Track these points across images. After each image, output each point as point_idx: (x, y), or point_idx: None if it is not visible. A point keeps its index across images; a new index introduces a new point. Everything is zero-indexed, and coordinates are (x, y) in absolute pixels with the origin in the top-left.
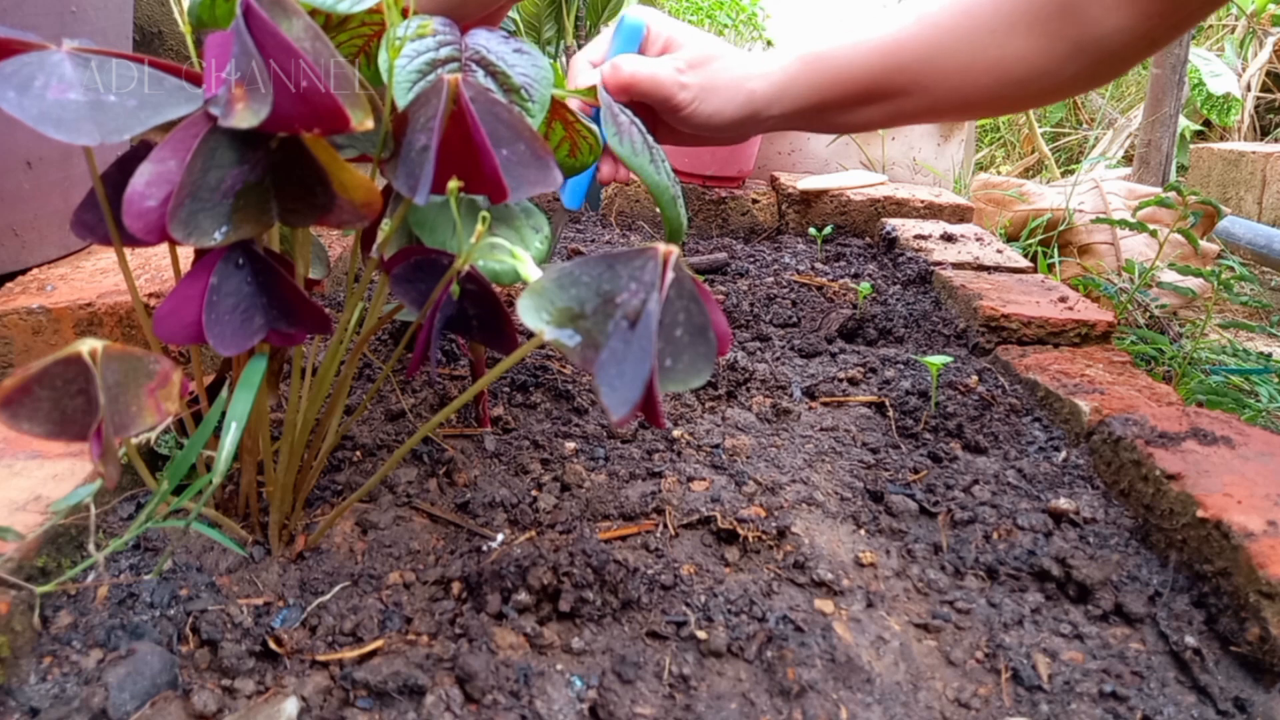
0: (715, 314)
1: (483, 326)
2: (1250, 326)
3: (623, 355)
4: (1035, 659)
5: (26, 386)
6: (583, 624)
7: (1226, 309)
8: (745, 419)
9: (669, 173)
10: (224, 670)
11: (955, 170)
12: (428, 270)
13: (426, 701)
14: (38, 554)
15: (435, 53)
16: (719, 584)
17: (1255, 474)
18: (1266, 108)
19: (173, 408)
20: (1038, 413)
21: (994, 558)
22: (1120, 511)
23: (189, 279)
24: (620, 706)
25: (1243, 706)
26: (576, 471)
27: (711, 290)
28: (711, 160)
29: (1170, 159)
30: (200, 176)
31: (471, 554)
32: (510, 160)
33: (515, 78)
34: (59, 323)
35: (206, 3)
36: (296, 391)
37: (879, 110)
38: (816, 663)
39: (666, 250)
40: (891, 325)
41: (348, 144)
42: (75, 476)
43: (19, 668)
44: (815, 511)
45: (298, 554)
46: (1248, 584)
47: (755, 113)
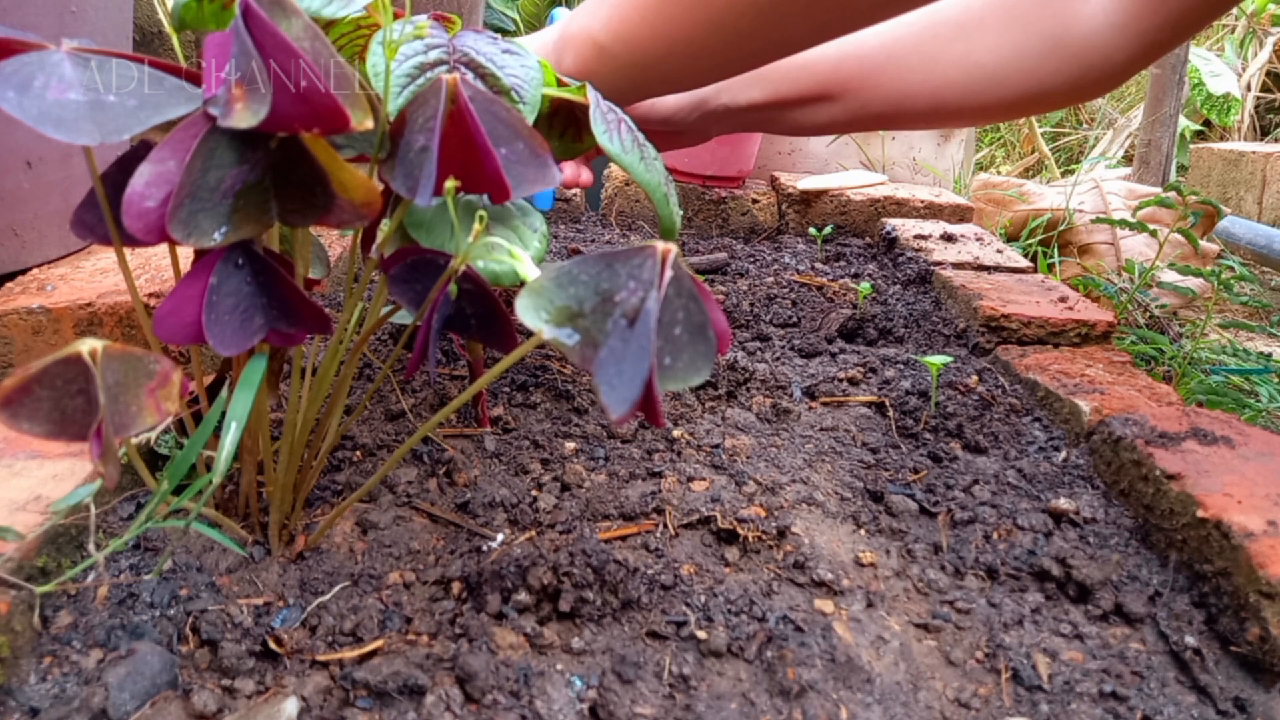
0: (714, 312)
1: (481, 325)
2: (1250, 326)
3: (622, 354)
4: (1035, 659)
5: (26, 386)
6: (583, 624)
7: (1226, 309)
8: (745, 419)
9: (660, 169)
10: (224, 670)
11: (955, 170)
12: (425, 270)
13: (426, 701)
14: (38, 554)
15: (424, 56)
16: (719, 584)
17: (1255, 474)
18: (1266, 108)
19: (173, 408)
20: (1038, 413)
21: (994, 558)
22: (1120, 511)
23: (189, 279)
24: (620, 706)
25: (1243, 706)
26: (576, 471)
27: (711, 290)
28: (711, 160)
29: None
30: (200, 177)
31: (471, 554)
32: (510, 159)
33: (505, 79)
34: (59, 323)
35: (190, 3)
36: (296, 391)
37: (839, 109)
38: (816, 663)
39: (665, 248)
40: (891, 325)
41: (347, 144)
42: (75, 476)
43: (19, 668)
44: (815, 511)
45: (298, 554)
46: (1248, 584)
47: (701, 100)
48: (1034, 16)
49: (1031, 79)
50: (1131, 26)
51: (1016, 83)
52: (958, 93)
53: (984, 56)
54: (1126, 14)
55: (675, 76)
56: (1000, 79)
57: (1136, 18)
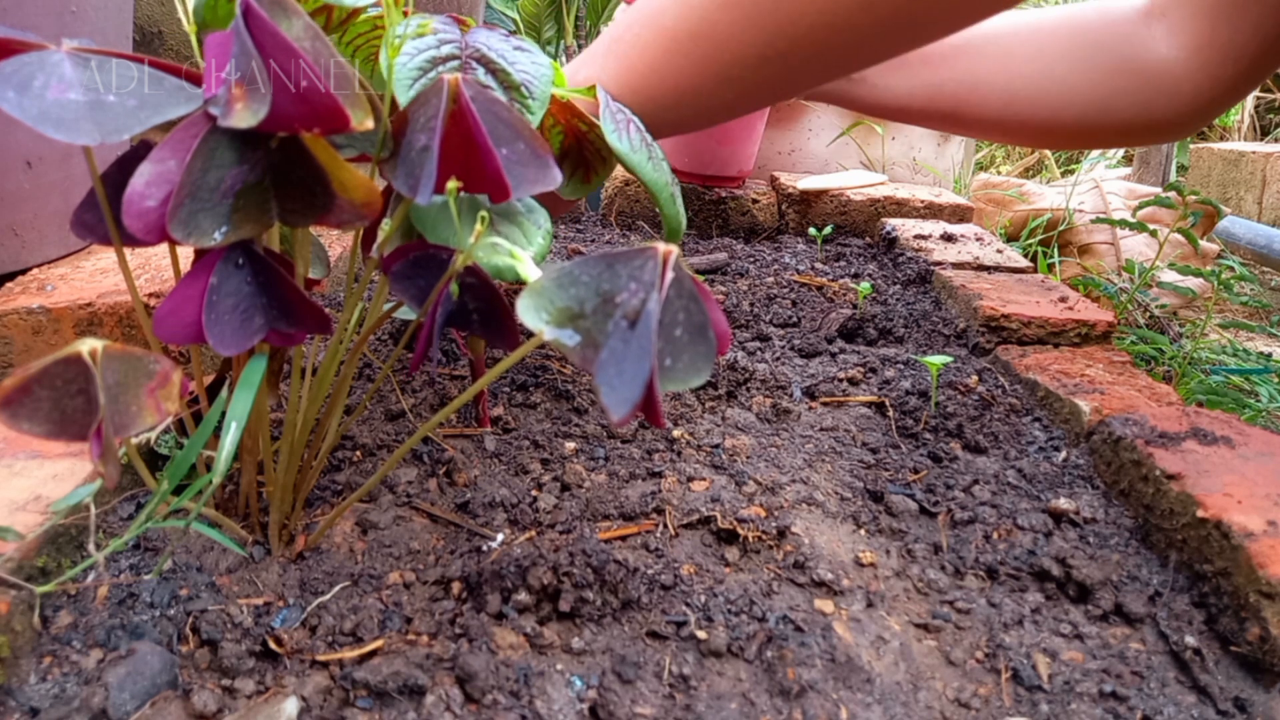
0: (715, 313)
1: (484, 321)
2: (1250, 326)
3: (622, 355)
4: (1035, 659)
5: (26, 386)
6: (583, 624)
7: (1226, 309)
8: (745, 419)
9: (667, 170)
10: (224, 670)
11: (955, 170)
12: (427, 266)
13: (426, 701)
14: (38, 554)
15: (436, 50)
16: (719, 584)
17: (1255, 474)
18: (1266, 108)
19: (173, 408)
20: (1038, 413)
21: (994, 558)
22: (1120, 511)
23: (189, 279)
24: (620, 706)
25: (1243, 706)
26: (576, 471)
27: (711, 290)
28: (712, 160)
29: (1170, 159)
30: (200, 176)
31: (471, 554)
32: (511, 159)
33: (515, 75)
34: (59, 323)
35: (210, 3)
36: (296, 391)
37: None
38: (816, 663)
39: (666, 249)
40: (891, 325)
41: (347, 144)
42: (75, 476)
43: (19, 668)
44: (815, 511)
45: (298, 554)
46: (1248, 584)
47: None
48: (1104, 35)
49: (1099, 91)
50: (1195, 60)
51: (1085, 92)
52: (1030, 91)
53: (1056, 60)
54: (1190, 50)
55: (685, 122)
56: (1070, 85)
57: (1200, 54)
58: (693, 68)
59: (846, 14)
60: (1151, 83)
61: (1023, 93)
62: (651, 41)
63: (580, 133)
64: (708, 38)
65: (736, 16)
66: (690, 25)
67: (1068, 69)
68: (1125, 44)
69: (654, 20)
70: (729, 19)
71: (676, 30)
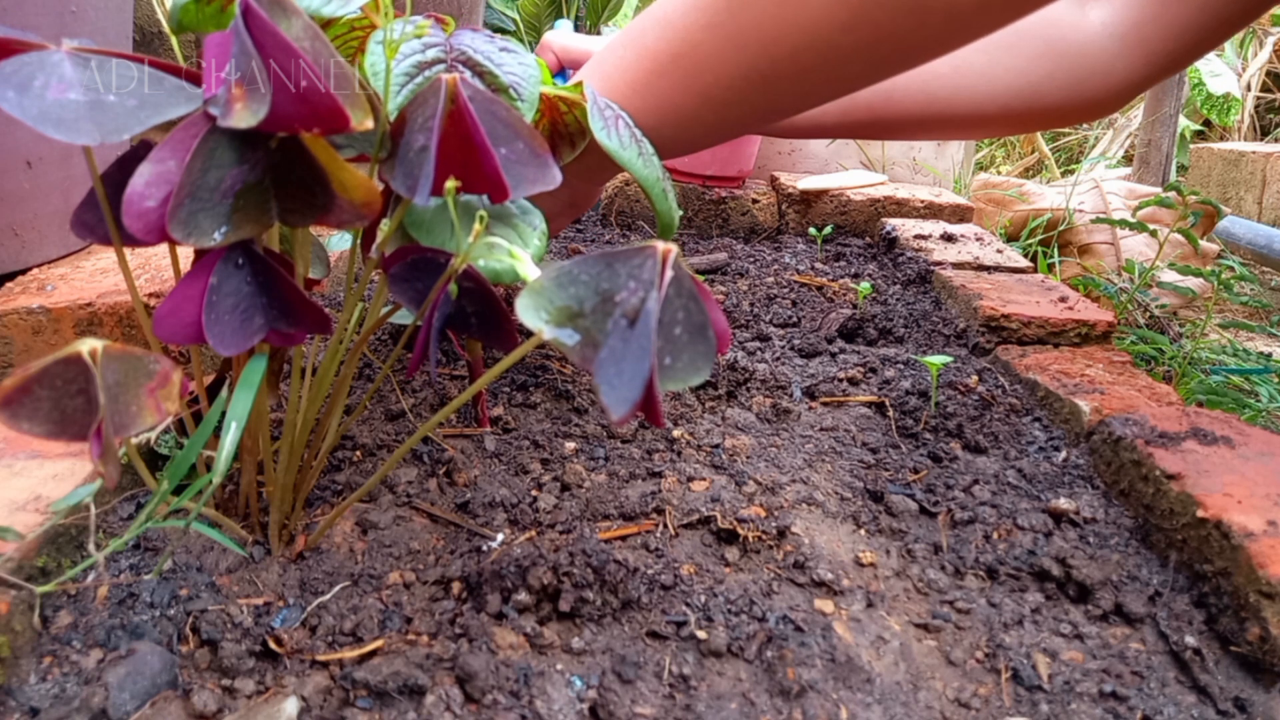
0: (714, 312)
1: (481, 324)
2: (1250, 326)
3: (622, 354)
4: (1035, 659)
5: (26, 386)
6: (583, 624)
7: (1226, 309)
8: (745, 419)
9: (658, 165)
10: (224, 670)
11: (955, 170)
12: (425, 269)
13: (426, 701)
14: (38, 554)
15: (421, 54)
16: (719, 584)
17: (1255, 474)
18: (1266, 108)
19: (173, 407)
20: (1038, 413)
21: (994, 558)
22: (1120, 511)
23: (189, 279)
24: (620, 706)
25: (1243, 706)
26: (576, 471)
27: (711, 290)
28: (711, 160)
29: (1170, 159)
30: (200, 176)
31: (471, 554)
32: (509, 159)
33: (503, 77)
34: (59, 323)
35: (189, 5)
36: (296, 391)
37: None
38: (816, 663)
39: (665, 248)
40: (891, 325)
41: (347, 144)
42: (75, 476)
43: (19, 668)
44: (815, 511)
45: (298, 554)
46: (1248, 584)
47: None
48: (1028, 19)
49: (1023, 79)
50: (1133, 36)
51: (1008, 82)
52: (947, 89)
53: (971, 53)
54: (1128, 26)
55: (667, 145)
56: (991, 77)
57: (1139, 30)
58: (674, 89)
59: (828, 37)
60: (1082, 63)
61: (940, 92)
62: (634, 63)
63: (558, 114)
64: (689, 58)
65: (718, 37)
66: (673, 46)
67: (987, 60)
68: (1052, 27)
69: (637, 41)
70: (711, 40)
71: (659, 51)
